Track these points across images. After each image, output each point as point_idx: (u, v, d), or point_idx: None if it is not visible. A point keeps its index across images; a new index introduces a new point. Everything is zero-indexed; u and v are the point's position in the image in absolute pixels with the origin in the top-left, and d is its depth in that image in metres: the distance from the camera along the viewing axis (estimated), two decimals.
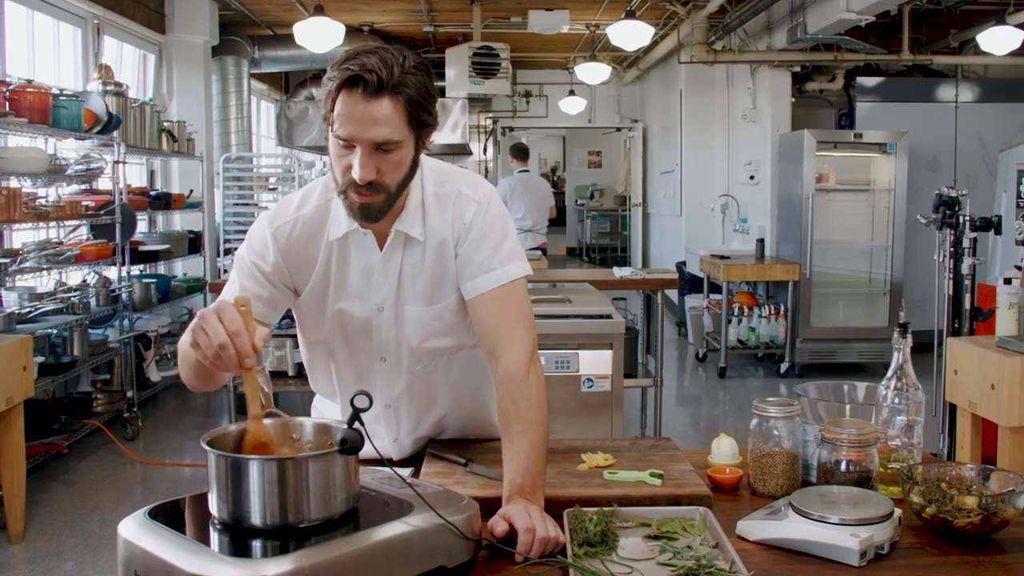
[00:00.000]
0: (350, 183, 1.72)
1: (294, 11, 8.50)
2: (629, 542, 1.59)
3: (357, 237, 1.87)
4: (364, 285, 1.90)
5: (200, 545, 1.32)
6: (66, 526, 4.40)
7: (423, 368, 2.00)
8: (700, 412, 7.02)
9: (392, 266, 1.89)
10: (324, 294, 1.92)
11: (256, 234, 1.91)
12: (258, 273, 1.88)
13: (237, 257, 1.93)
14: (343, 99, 1.66)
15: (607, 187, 18.22)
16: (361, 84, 1.64)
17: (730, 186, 9.84)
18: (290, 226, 1.89)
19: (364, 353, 1.97)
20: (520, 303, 1.91)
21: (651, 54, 10.74)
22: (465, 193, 1.91)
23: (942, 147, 8.53)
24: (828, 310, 8.00)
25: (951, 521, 1.59)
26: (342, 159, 1.71)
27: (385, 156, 1.70)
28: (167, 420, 6.45)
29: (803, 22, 7.60)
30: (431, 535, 1.41)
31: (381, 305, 1.91)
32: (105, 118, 5.66)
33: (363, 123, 1.66)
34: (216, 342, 1.44)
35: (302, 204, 1.91)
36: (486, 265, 1.88)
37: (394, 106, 1.67)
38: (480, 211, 1.90)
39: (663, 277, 5.77)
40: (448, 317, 1.95)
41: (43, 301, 5.30)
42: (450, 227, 1.89)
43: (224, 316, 1.46)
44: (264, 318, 1.89)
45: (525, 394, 1.80)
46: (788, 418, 1.84)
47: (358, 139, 1.67)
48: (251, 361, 1.46)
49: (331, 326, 1.95)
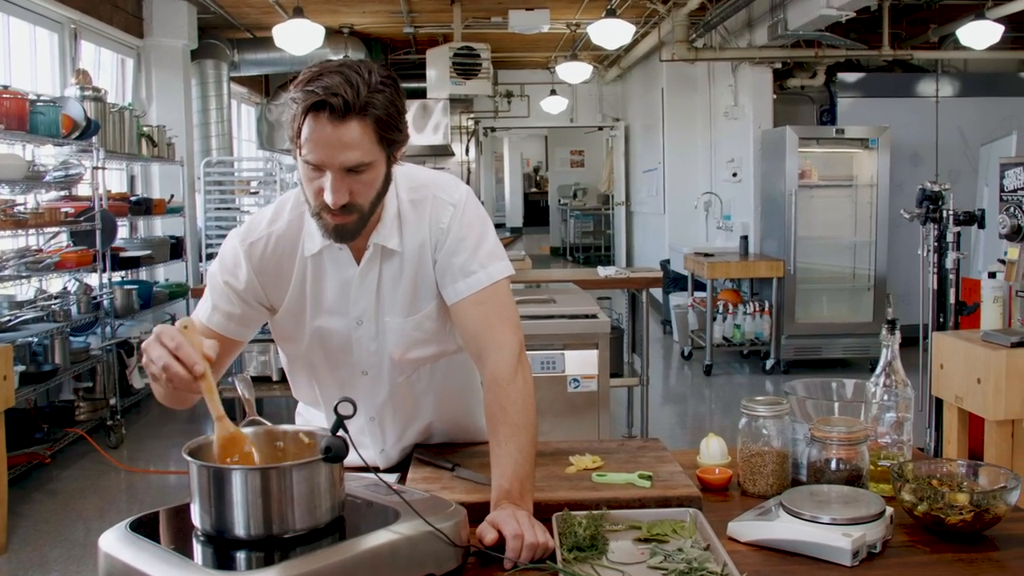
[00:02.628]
0: (322, 206, 1.68)
1: (273, 14, 8.45)
2: (619, 545, 1.57)
3: (332, 252, 1.84)
4: (342, 300, 1.87)
5: (182, 558, 1.30)
6: (50, 537, 4.35)
7: (406, 379, 1.97)
8: (687, 410, 7.02)
9: (370, 280, 1.86)
10: (301, 310, 1.89)
11: (228, 251, 1.87)
12: (230, 292, 1.85)
13: (210, 274, 1.90)
14: (309, 123, 1.60)
15: (590, 186, 18.25)
16: (327, 108, 1.58)
17: (713, 183, 9.85)
18: (263, 242, 1.85)
19: (345, 367, 1.94)
20: (504, 305, 1.87)
21: (632, 52, 10.74)
22: (440, 197, 1.87)
23: (924, 142, 8.56)
24: (812, 306, 8.01)
25: (943, 518, 1.57)
26: (313, 182, 1.67)
27: (357, 177, 1.66)
28: (151, 427, 6.39)
29: (783, 19, 7.61)
30: (418, 542, 1.38)
31: (360, 319, 1.88)
32: (83, 123, 5.61)
33: (332, 148, 1.61)
34: (161, 364, 1.43)
35: (274, 219, 1.87)
36: (467, 269, 1.85)
37: (362, 128, 1.61)
38: (457, 214, 1.86)
39: (647, 276, 5.76)
40: (428, 326, 1.92)
41: (23, 309, 5.25)
42: (427, 233, 1.86)
43: (163, 337, 1.45)
44: (236, 336, 1.87)
45: (512, 397, 1.76)
46: (777, 417, 1.82)
47: (328, 164, 1.63)
48: (200, 367, 1.44)
49: (310, 342, 1.91)
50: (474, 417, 2.14)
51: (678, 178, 10.52)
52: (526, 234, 21.01)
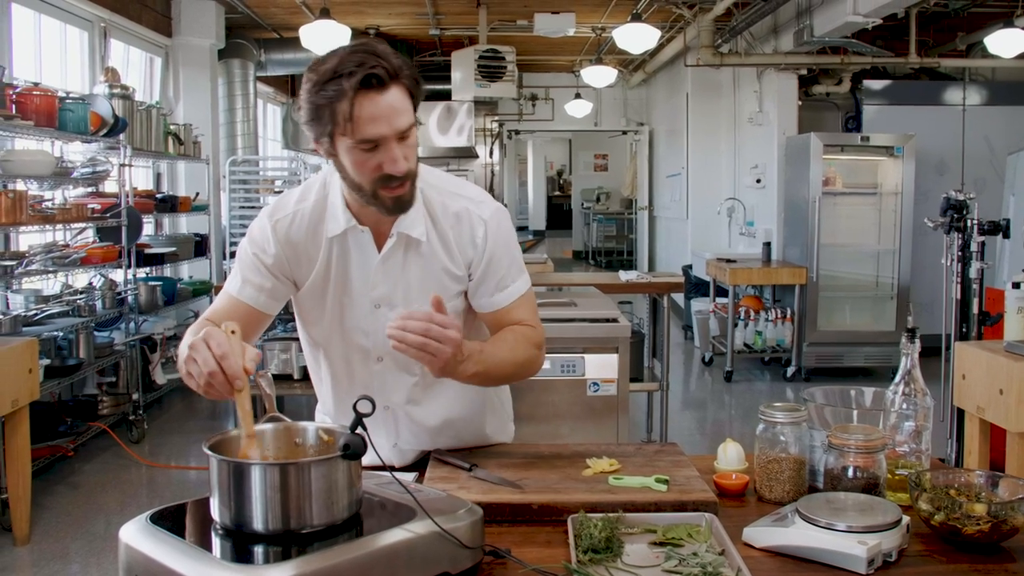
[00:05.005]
0: (380, 181, 1.74)
1: (300, 14, 8.50)
2: (634, 549, 1.57)
3: (355, 235, 1.90)
4: (362, 281, 1.92)
5: (201, 550, 1.31)
6: (71, 528, 4.39)
7: (421, 371, 2.00)
8: (706, 416, 6.99)
9: (392, 266, 1.91)
10: (324, 289, 1.93)
11: (257, 227, 1.94)
12: (260, 264, 1.91)
13: (239, 250, 1.95)
14: (359, 103, 1.66)
15: (613, 190, 18.21)
16: (373, 82, 1.65)
17: (736, 189, 9.82)
18: (289, 219, 1.91)
19: (359, 352, 1.98)
20: (533, 309, 2.04)
21: (657, 57, 10.73)
22: (472, 211, 1.95)
23: (949, 150, 8.51)
24: (835, 314, 7.97)
25: (960, 528, 1.57)
26: (366, 163, 1.73)
27: (405, 142, 1.74)
28: (172, 423, 6.44)
29: (810, 25, 7.58)
30: (434, 541, 1.39)
31: (378, 302, 1.93)
32: (111, 121, 5.66)
33: (387, 118, 1.68)
34: (206, 370, 1.46)
35: (302, 198, 1.93)
36: (502, 283, 1.97)
37: (402, 92, 1.71)
38: (491, 230, 1.95)
39: (669, 281, 5.75)
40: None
41: (49, 304, 5.31)
42: (460, 241, 1.94)
43: (212, 341, 1.47)
44: (265, 309, 1.93)
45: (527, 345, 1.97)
46: (795, 423, 1.82)
47: (386, 135, 1.69)
48: (241, 383, 1.48)
49: (330, 321, 1.96)
50: (485, 423, 2.17)
51: (701, 183, 10.49)
52: (548, 237, 21.00)
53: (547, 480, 1.86)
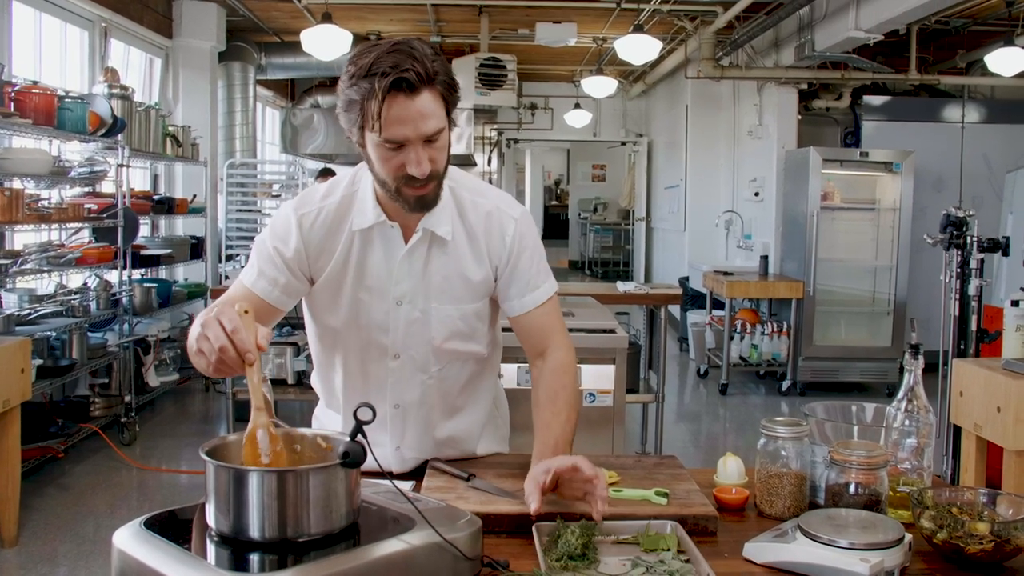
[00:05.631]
0: (403, 180, 1.76)
1: (301, 19, 8.49)
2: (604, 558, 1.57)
3: (383, 229, 1.90)
4: (385, 278, 1.92)
5: (196, 558, 1.29)
6: (60, 531, 4.36)
7: (438, 371, 2.01)
8: (701, 429, 6.98)
9: (416, 262, 1.92)
10: (342, 281, 1.93)
11: (280, 220, 1.94)
12: (278, 258, 1.90)
13: (258, 242, 1.95)
14: (388, 104, 1.67)
15: (610, 201, 18.20)
16: (403, 85, 1.66)
17: (734, 202, 9.82)
18: (315, 214, 1.92)
19: (376, 348, 1.97)
20: (559, 314, 2.08)
21: (658, 69, 10.73)
22: (503, 209, 1.98)
23: (948, 167, 8.52)
24: (831, 329, 7.96)
25: (963, 547, 1.55)
26: (391, 160, 1.75)
27: (432, 145, 1.75)
28: (165, 426, 6.41)
29: (811, 39, 7.60)
30: (433, 552, 1.37)
31: (400, 299, 1.93)
32: (110, 121, 5.64)
33: (413, 121, 1.69)
34: (217, 345, 1.45)
35: (327, 194, 1.94)
36: (532, 284, 1.99)
37: (433, 97, 1.72)
38: (519, 228, 1.98)
39: (667, 292, 5.73)
40: (473, 321, 1.99)
41: (43, 303, 5.27)
42: (488, 241, 1.96)
43: (223, 318, 1.47)
44: (278, 304, 1.92)
45: (570, 383, 1.97)
46: (796, 439, 1.81)
47: (411, 138, 1.70)
48: (252, 356, 1.46)
49: (347, 313, 1.95)
50: (486, 436, 2.17)
51: (699, 196, 10.48)
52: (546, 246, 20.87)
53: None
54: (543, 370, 1.99)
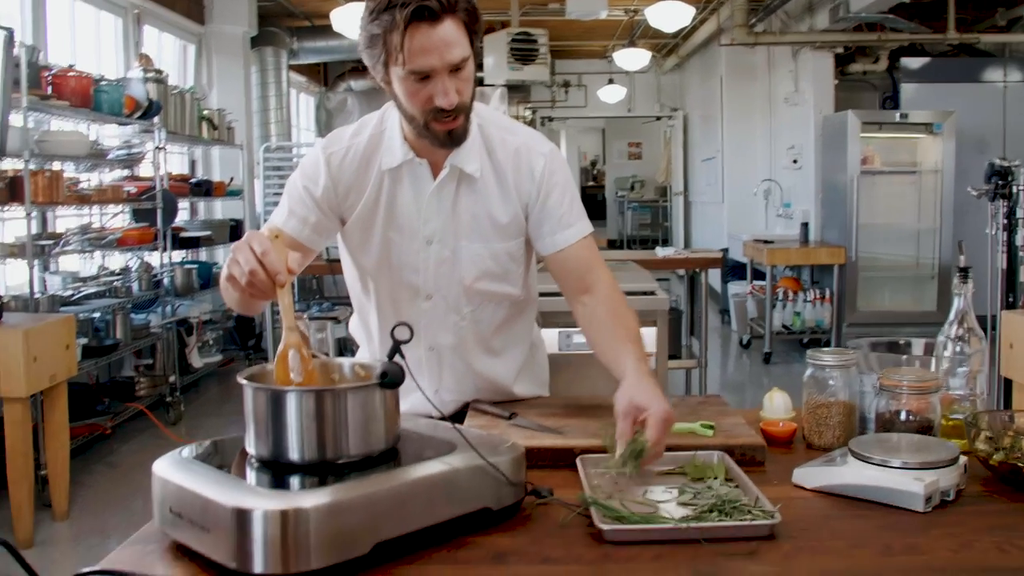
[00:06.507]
0: (432, 113, 1.74)
1: (331, 1, 8.48)
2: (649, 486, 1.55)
3: (412, 167, 1.89)
4: (414, 216, 1.91)
5: (236, 479, 1.28)
6: (110, 506, 4.41)
7: (471, 312, 1.99)
8: (745, 398, 6.90)
9: (445, 200, 1.90)
10: (372, 220, 1.92)
11: (310, 159, 1.94)
12: (308, 197, 1.90)
13: (289, 182, 1.95)
14: (411, 34, 1.66)
15: (647, 178, 18.08)
16: (425, 14, 1.64)
17: (772, 171, 9.71)
18: (343, 152, 1.91)
19: (408, 289, 1.96)
20: (598, 251, 2.01)
21: (690, 40, 10.63)
22: (532, 146, 1.95)
23: (990, 128, 8.34)
24: (875, 294, 7.85)
25: (1021, 468, 1.50)
26: (418, 94, 1.73)
27: (458, 75, 1.73)
28: (209, 406, 6.46)
29: (845, 1, 7.47)
30: (476, 475, 1.35)
31: (430, 238, 1.92)
32: (146, 104, 5.68)
33: (438, 50, 1.67)
34: (247, 268, 1.43)
35: (357, 132, 1.93)
36: (565, 221, 1.94)
37: (456, 24, 1.69)
38: (549, 165, 1.94)
39: (707, 256, 5.70)
40: (505, 261, 1.96)
41: (86, 284, 5.33)
42: (517, 176, 1.93)
43: (253, 241, 1.45)
44: (309, 244, 1.91)
45: (626, 311, 1.90)
46: (844, 367, 1.76)
47: (437, 68, 1.69)
48: (283, 278, 1.44)
49: (378, 253, 1.94)
50: (523, 378, 2.15)
51: (737, 166, 10.38)
52: None
53: (589, 427, 1.82)
54: (596, 298, 1.93)
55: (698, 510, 1.41)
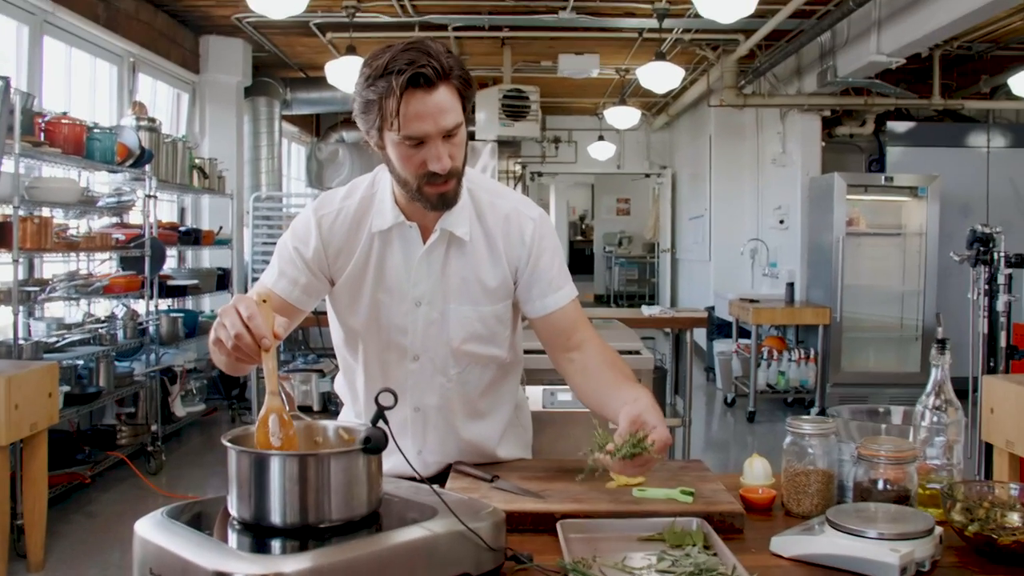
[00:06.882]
0: (425, 178, 1.77)
1: (326, 53, 8.58)
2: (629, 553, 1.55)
3: (402, 230, 1.92)
4: (404, 278, 1.93)
5: (217, 542, 1.29)
6: (87, 557, 4.36)
7: (458, 374, 2.01)
8: (729, 457, 6.90)
9: (434, 262, 1.93)
10: (361, 281, 1.94)
11: (301, 221, 1.97)
12: (298, 258, 1.93)
13: (280, 243, 1.97)
14: (406, 101, 1.69)
15: (635, 234, 18.19)
16: (420, 81, 1.68)
17: (759, 230, 9.80)
18: (334, 215, 1.94)
19: (396, 350, 1.98)
20: (584, 313, 2.06)
21: (680, 99, 10.76)
22: (522, 211, 1.99)
23: (974, 192, 8.46)
24: (859, 355, 7.90)
25: (995, 539, 1.52)
26: (412, 159, 1.76)
27: (451, 141, 1.76)
28: (191, 456, 6.42)
29: (833, 65, 7.60)
30: (456, 541, 1.36)
31: (419, 300, 1.94)
32: (138, 152, 5.71)
33: (433, 117, 1.71)
34: (234, 332, 1.46)
35: (347, 196, 1.96)
36: (555, 284, 1.99)
37: (450, 91, 1.74)
38: (538, 229, 1.98)
39: (692, 316, 5.72)
40: (492, 324, 1.99)
41: (71, 331, 5.31)
42: (507, 241, 1.96)
43: (240, 306, 1.48)
44: (299, 304, 1.94)
45: (618, 358, 1.97)
46: (823, 435, 1.78)
47: (431, 134, 1.72)
48: (268, 342, 1.47)
49: (367, 314, 1.96)
50: (507, 441, 2.15)
51: (724, 225, 10.47)
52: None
53: (570, 491, 1.83)
54: (587, 353, 1.98)
55: None
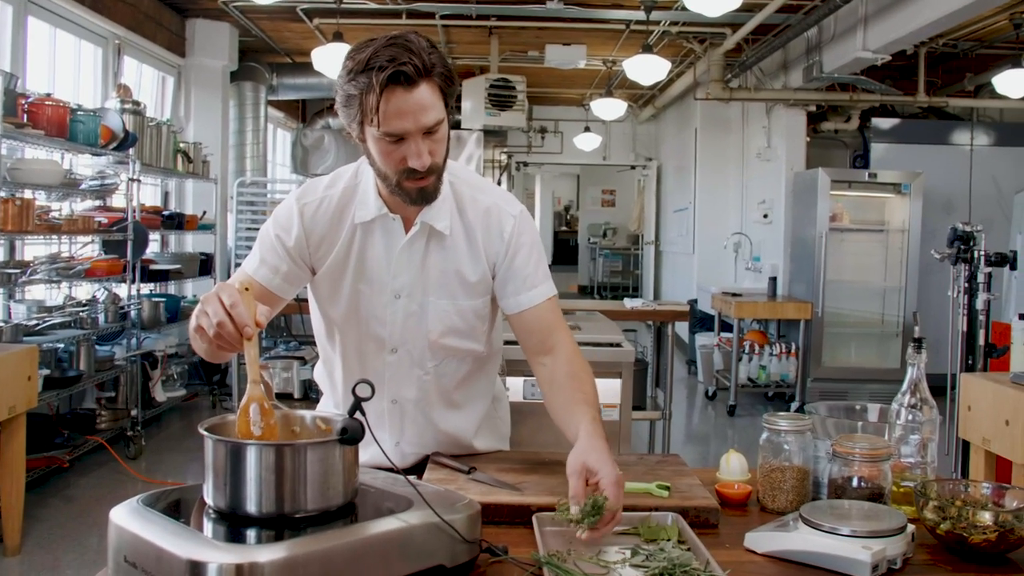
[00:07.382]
0: (404, 173, 1.77)
1: (313, 39, 8.54)
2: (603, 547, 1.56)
3: (384, 221, 1.92)
4: (384, 270, 1.93)
5: (192, 531, 1.29)
6: (64, 541, 4.35)
7: (435, 366, 2.01)
8: (708, 450, 6.93)
9: (415, 255, 1.93)
10: (342, 272, 1.95)
11: (283, 209, 1.97)
12: (280, 246, 1.92)
13: (262, 231, 1.97)
14: (387, 98, 1.68)
15: (620, 226, 18.24)
16: (401, 78, 1.67)
17: (743, 224, 9.82)
18: (316, 203, 1.94)
19: (374, 341, 1.98)
20: (561, 314, 2.04)
21: (667, 92, 10.77)
22: (502, 207, 1.98)
23: (957, 190, 8.51)
24: (840, 350, 7.94)
25: (966, 538, 1.54)
26: (392, 154, 1.76)
27: (431, 137, 1.76)
28: (170, 441, 6.40)
29: (819, 61, 7.62)
30: (431, 532, 1.37)
31: (399, 292, 1.94)
32: (121, 135, 5.67)
33: (413, 114, 1.70)
34: (216, 320, 1.45)
35: (331, 185, 1.96)
36: (531, 282, 1.98)
37: (431, 89, 1.72)
38: (518, 226, 1.98)
39: (674, 309, 5.73)
40: (470, 318, 1.99)
41: (51, 314, 5.29)
42: (486, 236, 1.96)
43: (222, 293, 1.48)
44: (279, 292, 1.93)
45: (586, 378, 1.92)
46: (799, 432, 1.80)
47: (411, 131, 1.71)
48: (250, 331, 1.46)
49: (347, 304, 1.97)
50: (483, 433, 2.16)
51: (708, 218, 10.50)
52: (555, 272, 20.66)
53: (546, 484, 1.84)
54: (557, 360, 1.96)
55: (649, 573, 1.42)
